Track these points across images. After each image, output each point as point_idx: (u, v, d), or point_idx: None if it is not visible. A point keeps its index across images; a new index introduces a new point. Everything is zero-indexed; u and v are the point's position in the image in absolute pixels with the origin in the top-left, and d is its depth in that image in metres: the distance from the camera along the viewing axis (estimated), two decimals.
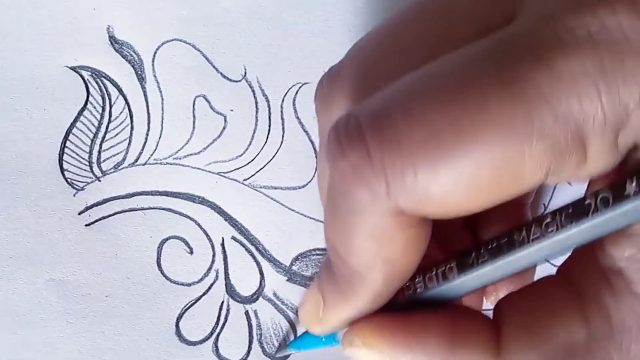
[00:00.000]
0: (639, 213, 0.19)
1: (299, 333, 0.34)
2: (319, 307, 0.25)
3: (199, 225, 0.34)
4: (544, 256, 0.21)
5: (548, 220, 0.20)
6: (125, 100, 0.34)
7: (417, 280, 0.23)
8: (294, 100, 0.34)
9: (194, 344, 0.34)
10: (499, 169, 0.19)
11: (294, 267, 0.34)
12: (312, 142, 0.34)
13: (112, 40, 0.34)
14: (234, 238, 0.34)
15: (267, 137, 0.34)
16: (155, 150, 0.34)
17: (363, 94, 0.23)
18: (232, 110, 0.34)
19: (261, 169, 0.34)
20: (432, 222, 0.22)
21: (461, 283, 0.23)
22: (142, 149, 0.34)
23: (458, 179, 0.19)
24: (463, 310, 0.24)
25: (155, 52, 0.34)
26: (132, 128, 0.34)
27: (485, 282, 0.22)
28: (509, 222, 0.26)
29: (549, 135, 0.18)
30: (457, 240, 0.27)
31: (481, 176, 0.19)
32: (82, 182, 0.33)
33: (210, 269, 0.34)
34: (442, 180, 0.19)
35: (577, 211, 0.20)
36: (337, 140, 0.20)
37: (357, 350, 0.24)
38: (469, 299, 0.26)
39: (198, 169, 0.34)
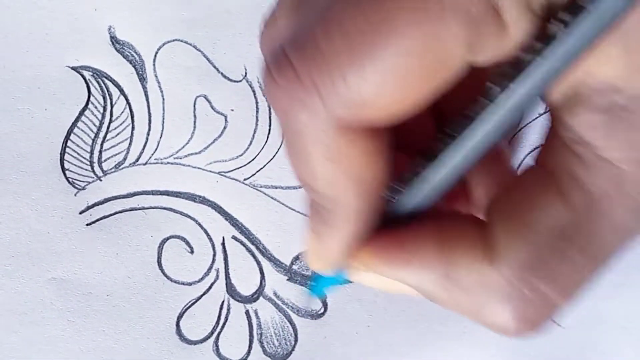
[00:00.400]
0: (574, 47, 0.19)
1: (300, 332, 0.34)
2: (318, 246, 0.25)
3: (199, 224, 0.34)
4: (501, 120, 0.21)
5: (492, 86, 0.20)
6: (127, 100, 0.34)
7: (392, 187, 0.23)
8: None
9: (195, 343, 0.34)
10: (422, 53, 0.19)
11: (294, 267, 0.34)
12: None
13: (114, 40, 0.34)
14: (234, 237, 0.34)
15: (268, 137, 0.34)
16: (156, 149, 0.34)
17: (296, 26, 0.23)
18: (232, 110, 0.34)
19: (262, 168, 0.34)
20: (396, 133, 0.22)
21: (434, 174, 0.22)
22: (143, 149, 0.34)
23: (386, 73, 0.19)
24: (453, 217, 0.24)
25: (156, 53, 0.34)
26: (133, 128, 0.34)
27: (456, 168, 0.22)
28: None
29: (459, 7, 0.18)
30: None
31: (407, 65, 0.19)
32: (83, 181, 0.34)
33: (210, 268, 0.34)
34: (370, 78, 0.19)
35: (515, 66, 0.20)
36: (269, 75, 0.21)
37: (362, 276, 0.25)
38: (459, 204, 0.26)
39: (199, 168, 0.34)
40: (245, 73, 0.34)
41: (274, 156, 0.34)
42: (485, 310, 0.22)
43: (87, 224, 0.34)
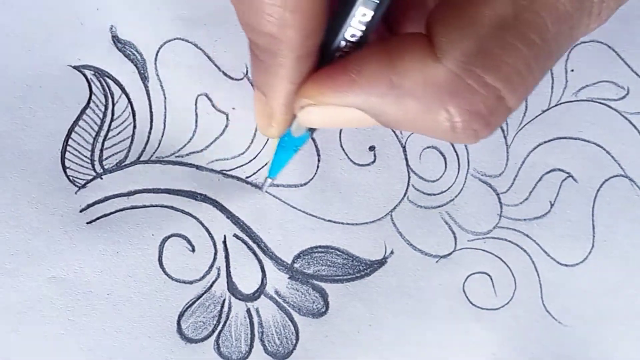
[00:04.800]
0: None
1: (301, 331, 0.34)
2: (264, 106, 0.26)
3: (200, 223, 0.35)
4: None
5: None
6: (128, 98, 0.35)
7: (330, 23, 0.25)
8: None
9: (196, 341, 0.34)
10: None
11: (295, 265, 0.35)
12: (313, 140, 0.35)
13: (115, 39, 0.35)
14: (235, 236, 0.35)
15: None
16: (157, 148, 0.35)
17: None
18: (234, 108, 0.35)
19: (263, 166, 0.35)
20: None
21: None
22: (145, 147, 0.35)
23: None
24: (391, 37, 0.25)
25: (157, 51, 0.35)
26: (134, 126, 0.35)
27: None
28: None
29: None
30: None
31: None
32: (83, 179, 0.34)
33: (211, 266, 0.35)
34: None
35: None
36: None
37: (309, 113, 0.25)
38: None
39: (200, 166, 0.35)
40: (247, 71, 0.35)
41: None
42: (434, 112, 0.23)
43: (87, 222, 0.34)
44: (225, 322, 0.35)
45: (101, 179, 0.35)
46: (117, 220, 0.35)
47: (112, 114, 0.35)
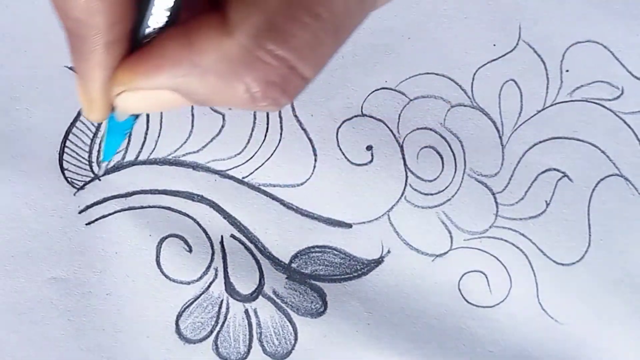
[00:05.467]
0: None
1: (299, 331, 0.35)
2: (84, 90, 0.27)
3: (198, 223, 0.35)
4: None
5: None
6: None
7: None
8: None
9: (194, 342, 0.35)
10: None
11: (293, 265, 0.35)
12: (310, 140, 0.35)
13: None
14: (233, 236, 0.35)
15: (265, 136, 0.35)
16: (154, 149, 0.35)
17: None
18: (230, 109, 0.35)
19: (260, 166, 0.35)
20: None
21: None
22: (141, 148, 0.35)
23: None
24: (190, 19, 0.25)
25: None
26: None
27: None
28: None
29: None
30: None
31: None
32: (82, 181, 0.35)
33: (209, 267, 0.35)
34: None
35: None
36: None
37: (125, 99, 0.26)
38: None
39: (197, 167, 0.35)
40: None
41: (271, 154, 0.35)
42: (233, 85, 0.24)
43: (86, 224, 0.35)
44: (223, 322, 0.35)
45: (99, 180, 0.35)
46: (116, 221, 0.35)
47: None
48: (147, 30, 0.25)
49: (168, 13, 0.25)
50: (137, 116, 0.30)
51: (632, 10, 0.37)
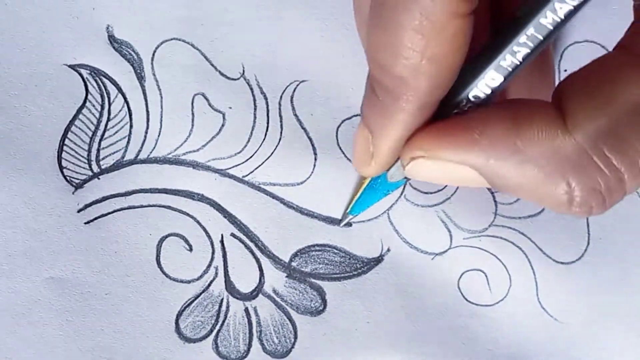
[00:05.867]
0: None
1: (299, 330, 0.35)
2: (368, 144, 0.26)
3: (198, 222, 0.35)
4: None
5: None
6: (124, 98, 0.35)
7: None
8: (292, 98, 0.35)
9: (194, 341, 0.34)
10: None
11: (293, 264, 0.35)
12: (310, 139, 0.35)
13: (112, 39, 0.35)
14: (233, 235, 0.35)
15: (266, 135, 0.35)
16: (154, 147, 0.35)
17: None
18: (230, 107, 0.35)
19: (260, 165, 0.35)
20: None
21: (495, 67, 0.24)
22: (141, 147, 0.35)
23: None
24: (518, 100, 0.25)
25: (154, 51, 0.35)
26: (131, 126, 0.35)
27: (517, 59, 0.24)
28: None
29: None
30: None
31: None
32: (81, 179, 0.34)
33: (209, 266, 0.35)
34: None
35: None
36: None
37: (419, 165, 0.25)
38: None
39: (197, 166, 0.35)
40: (243, 71, 0.35)
41: (272, 153, 0.35)
42: (554, 183, 0.23)
43: (85, 223, 0.34)
44: (223, 321, 0.35)
45: (98, 179, 0.35)
46: (115, 220, 0.35)
47: (109, 114, 0.35)
48: (461, 101, 0.25)
49: (489, 91, 0.25)
50: (407, 179, 0.29)
51: (630, 10, 0.37)
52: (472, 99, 0.25)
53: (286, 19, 0.35)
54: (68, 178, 0.35)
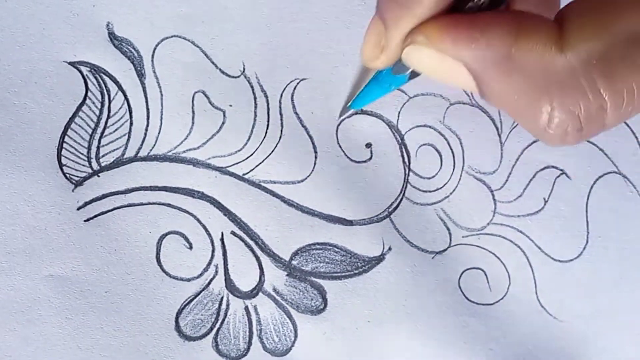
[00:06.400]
0: None
1: (299, 328, 0.35)
2: (380, 36, 0.26)
3: (198, 220, 0.35)
4: None
5: None
6: (125, 95, 0.35)
7: None
8: (292, 95, 0.35)
9: (194, 339, 0.34)
10: None
11: (293, 262, 0.35)
12: (310, 137, 0.35)
13: (112, 36, 0.35)
14: (233, 233, 0.35)
15: (266, 132, 0.35)
16: (154, 145, 0.35)
17: None
18: (231, 105, 0.35)
19: (260, 163, 0.35)
20: None
21: None
22: (141, 144, 0.35)
23: None
24: (525, 12, 0.25)
25: (154, 49, 0.35)
26: (131, 123, 0.35)
27: None
28: None
29: None
30: None
31: None
32: (80, 177, 0.34)
33: (209, 264, 0.35)
34: None
35: None
36: None
37: (418, 50, 0.25)
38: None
39: (197, 164, 0.35)
40: (244, 69, 0.35)
41: (272, 151, 0.35)
42: (537, 98, 0.23)
43: (85, 220, 0.34)
44: (223, 319, 0.35)
45: (98, 176, 0.35)
46: (115, 217, 0.34)
47: (109, 111, 0.35)
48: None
49: None
50: (412, 76, 0.29)
51: None
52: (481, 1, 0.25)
53: (286, 17, 0.35)
54: (68, 175, 0.34)
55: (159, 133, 0.35)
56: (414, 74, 0.30)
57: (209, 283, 0.35)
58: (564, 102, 0.23)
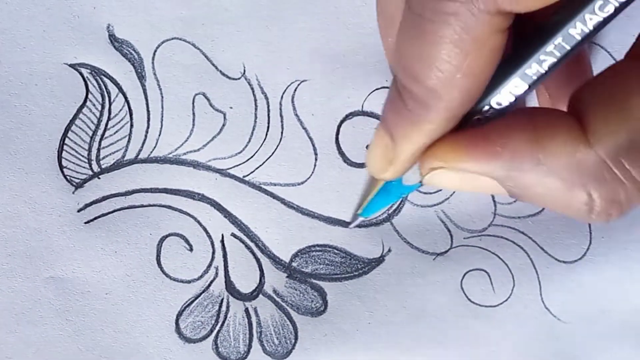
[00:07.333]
0: None
1: (300, 330, 0.35)
2: (387, 149, 0.26)
3: (198, 222, 0.35)
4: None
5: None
6: (125, 98, 0.34)
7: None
8: (293, 97, 0.35)
9: (194, 341, 0.34)
10: None
11: (293, 264, 0.35)
12: (310, 139, 0.35)
13: (112, 38, 0.35)
14: (233, 235, 0.35)
15: (266, 134, 0.35)
16: (154, 147, 0.35)
17: None
18: (231, 107, 0.35)
19: (260, 165, 0.35)
20: None
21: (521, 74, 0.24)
22: (142, 147, 0.34)
23: None
24: (538, 109, 0.25)
25: (155, 51, 0.35)
26: (131, 125, 0.35)
27: (543, 68, 0.24)
28: None
29: None
30: None
31: None
32: (81, 179, 0.34)
33: (209, 266, 0.35)
34: None
35: None
36: None
37: (438, 175, 0.25)
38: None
39: (198, 166, 0.35)
40: (244, 71, 0.35)
41: (272, 153, 0.35)
42: (575, 194, 0.23)
43: (85, 222, 0.34)
44: (223, 321, 0.35)
45: (98, 178, 0.34)
46: (115, 219, 0.34)
47: (109, 113, 0.35)
48: (482, 108, 0.25)
49: (513, 99, 0.24)
50: (421, 184, 0.29)
51: (628, 11, 0.37)
52: (496, 106, 0.25)
53: (287, 19, 0.35)
54: (68, 177, 0.34)
55: (159, 135, 0.35)
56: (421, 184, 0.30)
57: (209, 285, 0.35)
58: (602, 193, 0.23)
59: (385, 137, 0.26)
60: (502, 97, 0.24)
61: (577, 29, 0.23)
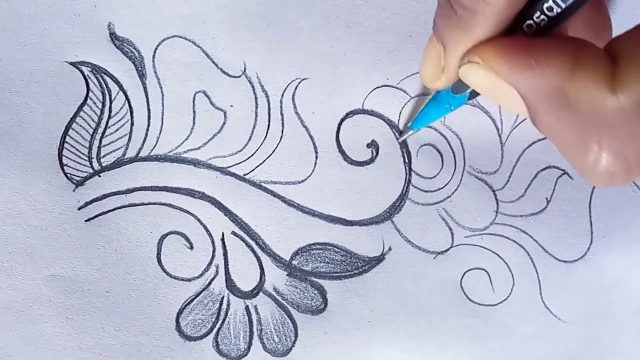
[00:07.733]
0: None
1: (300, 328, 0.35)
2: (439, 58, 0.27)
3: (199, 220, 0.35)
4: None
5: None
6: (126, 96, 0.34)
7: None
8: (293, 95, 0.35)
9: (194, 339, 0.34)
10: None
11: (294, 262, 0.35)
12: (311, 137, 0.35)
13: (113, 37, 0.34)
14: (234, 233, 0.35)
15: (267, 133, 0.35)
16: (155, 145, 0.35)
17: None
18: (231, 105, 0.35)
19: (261, 164, 0.35)
20: None
21: None
22: (142, 145, 0.34)
23: None
24: (582, 42, 0.24)
25: (155, 49, 0.35)
26: (132, 124, 0.34)
27: None
28: None
29: None
30: None
31: None
32: (81, 177, 0.34)
33: (210, 264, 0.35)
34: None
35: None
36: None
37: (473, 70, 0.25)
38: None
39: (198, 164, 0.34)
40: (245, 68, 0.35)
41: (273, 152, 0.35)
42: (586, 139, 0.23)
43: (85, 220, 0.34)
44: (224, 319, 0.35)
45: (99, 176, 0.34)
46: (116, 218, 0.34)
47: (110, 111, 0.35)
48: (534, 13, 0.25)
49: (564, 5, 0.24)
50: (471, 96, 0.29)
51: (629, 10, 0.37)
52: (547, 12, 0.25)
53: (288, 17, 0.35)
54: (69, 175, 0.34)
55: (160, 133, 0.35)
56: (474, 94, 0.30)
57: (210, 283, 0.35)
58: (612, 145, 0.23)
59: (437, 45, 0.27)
60: (551, 1, 0.25)
61: None
